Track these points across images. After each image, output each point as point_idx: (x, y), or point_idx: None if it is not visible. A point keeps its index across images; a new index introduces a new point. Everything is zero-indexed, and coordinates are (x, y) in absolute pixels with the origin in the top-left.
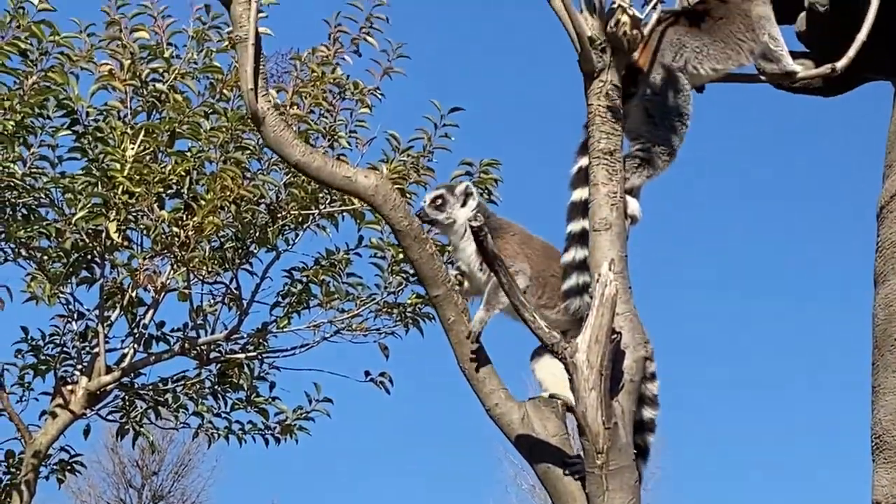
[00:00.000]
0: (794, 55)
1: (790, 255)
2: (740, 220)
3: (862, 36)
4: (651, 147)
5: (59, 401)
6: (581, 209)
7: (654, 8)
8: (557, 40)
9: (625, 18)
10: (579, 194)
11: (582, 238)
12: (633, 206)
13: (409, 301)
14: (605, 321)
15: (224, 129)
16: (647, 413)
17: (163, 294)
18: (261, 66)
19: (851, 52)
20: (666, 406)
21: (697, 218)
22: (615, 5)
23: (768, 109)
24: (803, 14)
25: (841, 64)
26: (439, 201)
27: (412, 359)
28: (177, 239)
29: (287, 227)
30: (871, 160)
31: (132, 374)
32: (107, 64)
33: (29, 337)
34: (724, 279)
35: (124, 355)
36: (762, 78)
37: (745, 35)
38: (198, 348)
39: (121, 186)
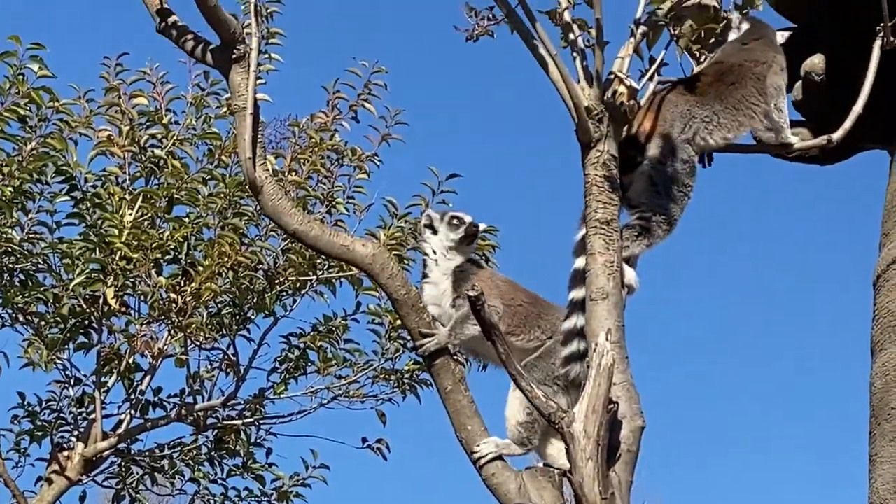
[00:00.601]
0: (791, 124)
1: (786, 323)
2: (735, 288)
3: (858, 108)
4: (651, 216)
5: (55, 467)
6: (582, 277)
7: (650, 79)
8: (555, 109)
9: (622, 89)
10: (581, 262)
11: (583, 305)
12: (631, 275)
13: (406, 367)
14: (601, 391)
15: (222, 196)
16: None
17: (160, 360)
18: (259, 134)
19: (847, 124)
20: (663, 479)
21: (691, 286)
22: (612, 76)
23: (765, 176)
24: (799, 83)
25: (837, 136)
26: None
27: (409, 426)
28: (174, 305)
29: (285, 293)
30: (867, 229)
31: (129, 441)
32: (105, 130)
33: (25, 402)
34: (720, 346)
35: (121, 421)
36: (760, 148)
37: (759, 99)
38: (194, 414)
39: (118, 252)
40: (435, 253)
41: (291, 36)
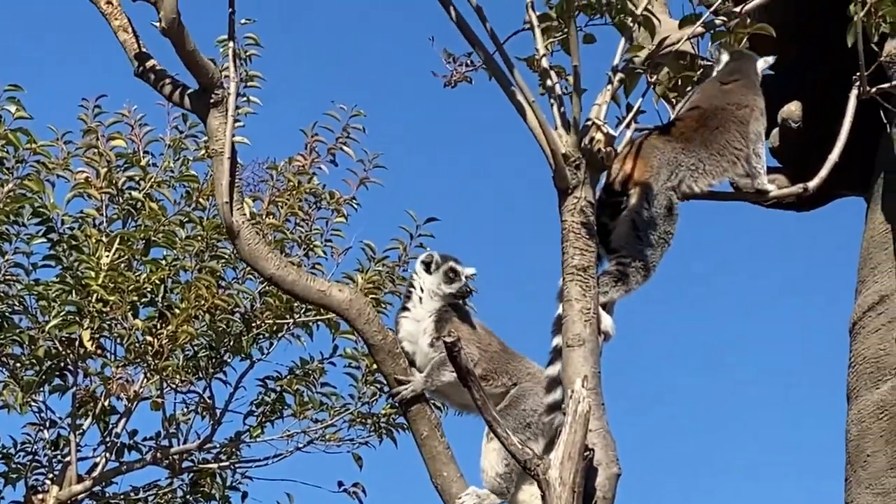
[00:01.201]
0: (768, 170)
1: (763, 370)
2: (711, 335)
3: (834, 157)
4: (630, 262)
5: None
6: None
7: (627, 126)
8: (533, 155)
9: (599, 136)
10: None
11: None
12: (607, 322)
13: (383, 411)
14: (577, 438)
15: (199, 238)
16: None
17: (136, 403)
18: (237, 177)
19: (823, 173)
20: None
21: (667, 333)
22: (589, 122)
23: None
24: (777, 129)
25: (813, 184)
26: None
27: (386, 470)
28: (150, 347)
29: (261, 337)
30: (844, 275)
31: (104, 484)
32: (83, 172)
33: (0, 445)
34: (697, 394)
35: (96, 464)
36: (738, 195)
37: (741, 143)
38: (170, 457)
39: (95, 294)
40: (422, 291)
41: (270, 79)
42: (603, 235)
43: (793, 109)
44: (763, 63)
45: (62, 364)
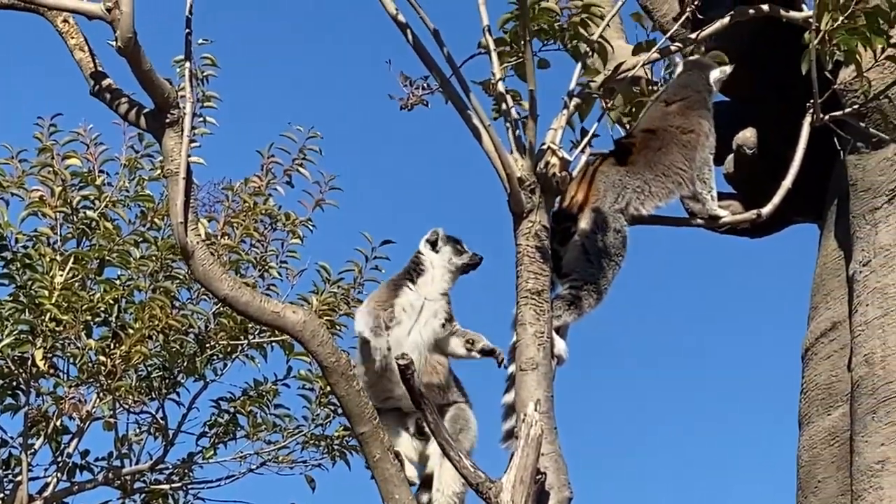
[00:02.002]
0: (722, 196)
1: (714, 395)
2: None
3: (787, 183)
4: (582, 286)
5: None
6: None
7: (582, 151)
8: (489, 179)
9: (554, 160)
10: None
11: None
12: (561, 346)
13: (336, 433)
14: (529, 461)
15: (154, 258)
16: None
17: (88, 423)
18: (192, 197)
19: (777, 199)
20: None
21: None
22: (544, 147)
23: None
24: (731, 156)
25: (766, 210)
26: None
27: (338, 492)
28: (103, 367)
29: (215, 357)
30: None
31: None
32: (37, 190)
33: None
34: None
35: (47, 484)
36: (693, 221)
37: (685, 165)
38: (122, 478)
39: (48, 314)
40: (433, 268)
41: (227, 99)
42: (554, 261)
43: (748, 136)
44: (718, 73)
45: (14, 383)
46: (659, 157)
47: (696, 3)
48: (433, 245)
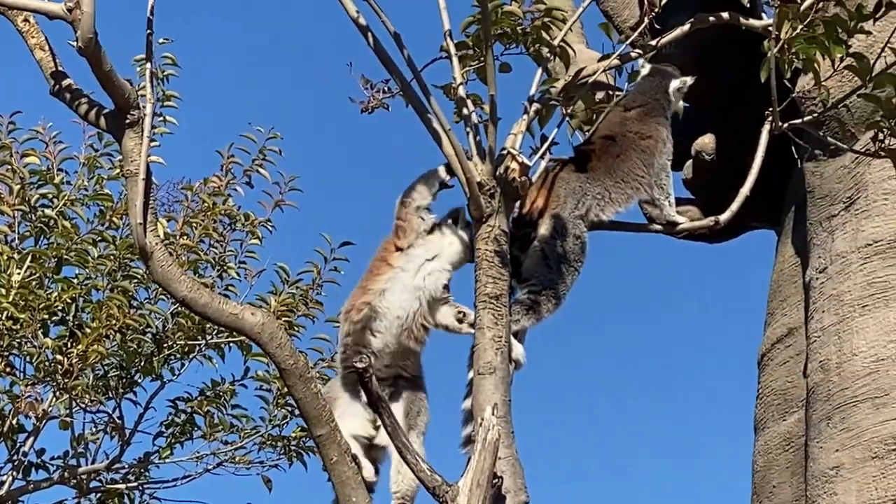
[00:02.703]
0: (681, 201)
1: (671, 400)
2: (620, 364)
3: (745, 190)
4: (541, 291)
5: None
6: None
7: (541, 157)
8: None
9: (514, 165)
10: None
11: None
12: (518, 350)
13: (293, 434)
14: (486, 465)
15: (112, 258)
16: None
17: (44, 421)
18: (151, 197)
19: (735, 206)
20: None
21: (577, 361)
22: (504, 152)
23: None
24: (690, 162)
25: (724, 217)
26: None
27: (295, 493)
28: (60, 366)
29: (173, 357)
30: (752, 308)
31: (10, 503)
32: None
33: None
34: (605, 423)
35: (2, 483)
36: (651, 227)
37: (644, 171)
38: (78, 477)
39: (5, 312)
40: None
41: (187, 99)
42: (514, 267)
43: (706, 142)
44: (678, 83)
45: None
46: (618, 164)
47: (655, 10)
48: (456, 221)
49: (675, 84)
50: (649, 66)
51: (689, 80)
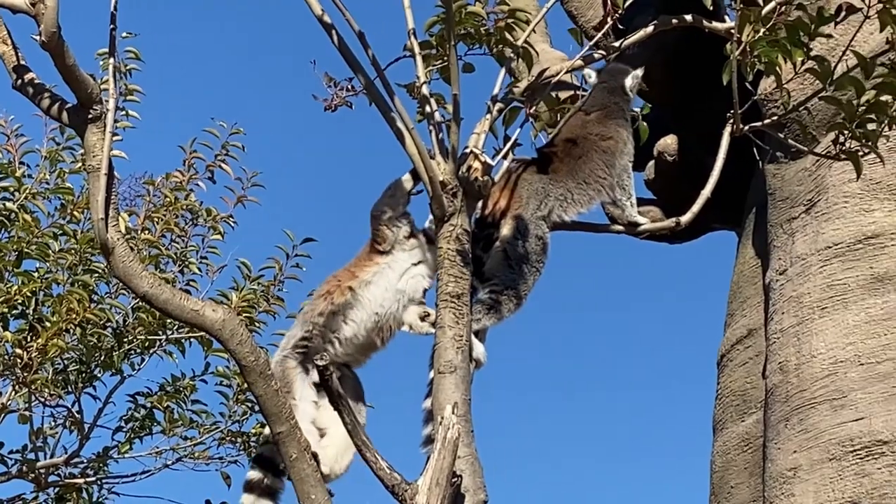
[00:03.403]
0: (642, 202)
1: (630, 400)
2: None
3: (706, 192)
4: (502, 291)
5: None
6: None
7: (504, 157)
8: None
9: (476, 164)
10: None
11: None
12: (479, 349)
13: (253, 430)
14: (446, 464)
15: (73, 252)
16: None
17: (2, 415)
18: (113, 192)
19: (696, 208)
20: None
21: (538, 361)
22: (467, 151)
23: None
24: (652, 162)
25: (685, 219)
26: None
27: None
28: (19, 360)
29: (133, 352)
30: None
31: None
32: None
33: None
34: (564, 422)
35: None
36: (613, 227)
37: (605, 172)
38: (36, 471)
39: None
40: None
41: (150, 93)
42: (477, 267)
43: (668, 143)
44: (631, 79)
45: None
46: (580, 165)
47: (618, 11)
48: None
49: (628, 81)
50: (595, 74)
51: (640, 72)
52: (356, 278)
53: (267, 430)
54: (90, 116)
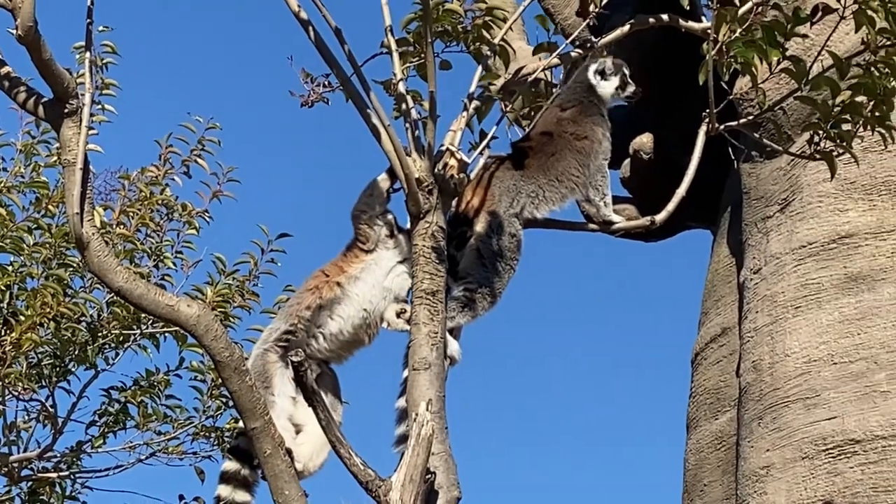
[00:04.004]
0: (618, 200)
1: (605, 398)
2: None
3: (682, 191)
4: (476, 289)
5: None
6: None
7: (480, 153)
8: None
9: (452, 161)
10: None
11: None
12: (454, 346)
13: (227, 426)
14: (420, 461)
15: (47, 246)
16: None
17: None
18: (88, 186)
19: (671, 207)
20: None
21: (511, 358)
22: (443, 148)
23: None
24: (628, 160)
25: (660, 217)
26: None
27: None
28: None
29: (107, 346)
30: (687, 307)
31: None
32: None
33: None
34: (538, 419)
35: None
36: (587, 225)
37: (579, 171)
38: (9, 465)
39: None
40: None
41: (126, 87)
42: (451, 265)
43: (644, 141)
44: (596, 65)
45: None
46: (553, 163)
47: (596, 10)
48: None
49: (592, 68)
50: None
51: (608, 60)
52: (344, 273)
53: (241, 425)
54: (66, 111)
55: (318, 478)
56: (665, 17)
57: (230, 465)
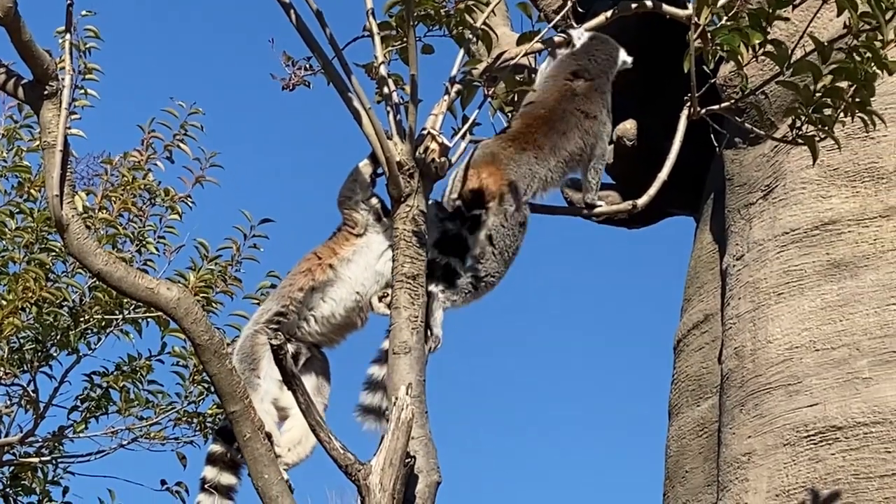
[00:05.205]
0: (602, 186)
1: (586, 385)
2: (536, 348)
3: (663, 175)
4: (483, 277)
5: None
6: None
7: (462, 138)
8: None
9: (433, 146)
10: None
11: None
12: (436, 331)
13: (209, 411)
14: (399, 445)
15: (29, 230)
16: None
17: None
18: (69, 171)
19: (652, 191)
20: None
21: (493, 344)
22: (424, 132)
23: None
24: (611, 146)
25: (642, 202)
26: None
27: None
28: None
29: (89, 331)
30: (670, 293)
31: None
32: None
33: None
34: (518, 404)
35: None
36: (569, 210)
37: (584, 151)
38: None
39: None
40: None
41: (109, 72)
42: (461, 248)
43: (628, 127)
44: (626, 58)
45: None
46: (563, 143)
47: None
48: None
49: (622, 56)
50: (591, 35)
51: (630, 59)
52: (336, 255)
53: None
54: (46, 92)
55: (302, 465)
56: (649, 3)
57: (217, 446)
